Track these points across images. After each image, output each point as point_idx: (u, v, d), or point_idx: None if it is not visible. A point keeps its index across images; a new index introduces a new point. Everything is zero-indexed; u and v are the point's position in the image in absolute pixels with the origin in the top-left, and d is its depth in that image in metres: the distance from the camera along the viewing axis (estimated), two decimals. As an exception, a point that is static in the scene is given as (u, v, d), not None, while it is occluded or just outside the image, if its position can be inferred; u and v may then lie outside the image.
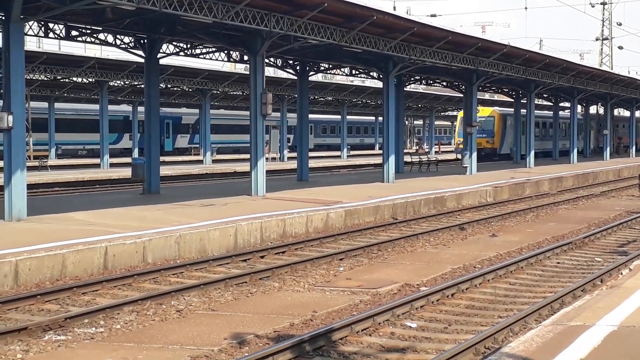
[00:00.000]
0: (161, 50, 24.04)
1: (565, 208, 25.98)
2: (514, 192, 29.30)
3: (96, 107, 55.80)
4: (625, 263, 14.21)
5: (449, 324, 10.44)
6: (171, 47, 24.99)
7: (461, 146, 47.48)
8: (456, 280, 12.65)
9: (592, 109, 65.55)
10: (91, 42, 23.36)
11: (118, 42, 23.32)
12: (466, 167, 34.94)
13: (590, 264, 15.19)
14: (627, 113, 68.29)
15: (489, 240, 18.29)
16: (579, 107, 56.25)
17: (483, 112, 50.69)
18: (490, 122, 51.10)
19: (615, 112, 68.73)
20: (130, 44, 23.68)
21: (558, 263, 15.27)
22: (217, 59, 27.72)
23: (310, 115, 38.74)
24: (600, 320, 8.69)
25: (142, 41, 23.47)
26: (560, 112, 55.88)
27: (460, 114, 51.10)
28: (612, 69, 64.67)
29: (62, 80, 42.11)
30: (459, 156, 42.77)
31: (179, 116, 61.93)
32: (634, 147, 60.00)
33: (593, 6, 69.56)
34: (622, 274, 12.74)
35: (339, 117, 72.00)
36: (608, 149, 54.04)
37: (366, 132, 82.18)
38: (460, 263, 14.93)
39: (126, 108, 58.66)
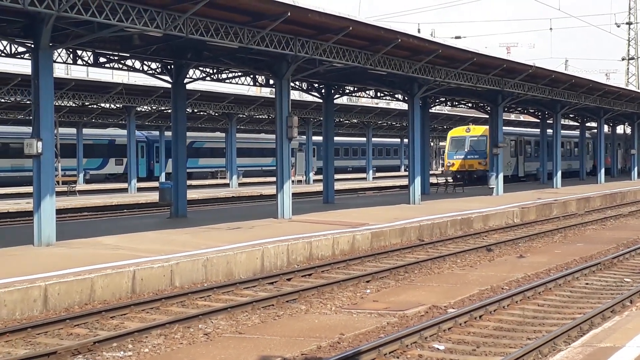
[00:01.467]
0: (188, 76, 24.22)
1: (593, 228, 25.75)
2: (541, 212, 29.10)
3: (97, 131, 55.93)
4: (655, 283, 14.05)
5: (477, 346, 10.35)
6: (197, 72, 25.19)
7: (452, 168, 46.58)
8: (484, 302, 12.55)
9: (619, 129, 65.07)
10: (119, 69, 23.63)
11: (145, 68, 23.55)
12: (492, 187, 34.77)
13: (620, 284, 15.02)
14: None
15: (516, 262, 18.16)
16: (606, 126, 55.83)
17: (474, 130, 48.34)
18: (483, 141, 46.91)
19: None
20: (157, 70, 23.90)
21: (587, 284, 15.11)
22: (242, 83, 27.89)
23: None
24: (630, 341, 8.59)
25: (169, 67, 23.68)
26: (567, 131, 56.00)
27: (451, 133, 49.33)
28: (638, 88, 64.24)
29: (90, 106, 42.52)
30: (449, 179, 41.76)
31: (170, 140, 57.97)
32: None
33: (618, 26, 69.35)
34: (652, 294, 12.61)
35: (360, 139, 72.17)
36: (636, 168, 53.57)
37: (388, 153, 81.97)
38: (488, 284, 14.82)
39: (111, 132, 57.43)
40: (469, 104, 41.46)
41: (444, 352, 10.12)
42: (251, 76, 26.79)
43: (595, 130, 55.52)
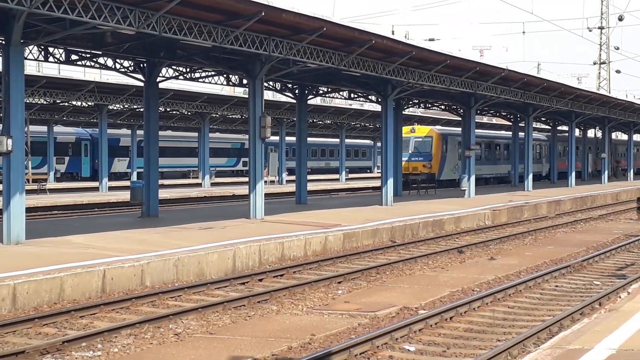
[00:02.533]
0: (160, 74, 24.13)
1: (563, 231, 25.97)
2: (512, 215, 29.30)
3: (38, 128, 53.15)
4: (623, 286, 14.19)
5: (448, 347, 10.40)
6: (170, 71, 25.09)
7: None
8: (455, 304, 12.61)
9: (590, 133, 65.66)
10: (91, 66, 23.45)
11: (118, 66, 23.42)
12: (464, 190, 34.95)
13: (589, 287, 15.16)
14: (625, 136, 68.45)
15: (487, 264, 18.27)
16: (577, 130, 56.27)
17: (419, 131, 45.32)
18: (428, 143, 44.00)
19: (613, 135, 68.78)
20: (129, 68, 23.78)
21: (557, 286, 15.24)
22: (216, 83, 27.84)
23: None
24: (599, 343, 8.66)
25: (141, 65, 23.56)
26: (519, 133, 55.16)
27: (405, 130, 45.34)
28: (609, 92, 64.82)
29: (61, 104, 42.19)
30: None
31: (116, 138, 54.69)
32: (632, 171, 59.97)
33: (590, 30, 69.86)
34: (620, 297, 12.74)
35: (334, 140, 72.06)
36: (606, 172, 54.07)
37: (362, 155, 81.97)
38: (459, 286, 14.90)
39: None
40: (442, 106, 41.63)
41: (414, 353, 10.15)
42: (225, 75, 26.73)
43: (551, 133, 55.66)
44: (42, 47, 21.11)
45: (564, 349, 8.50)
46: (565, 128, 55.18)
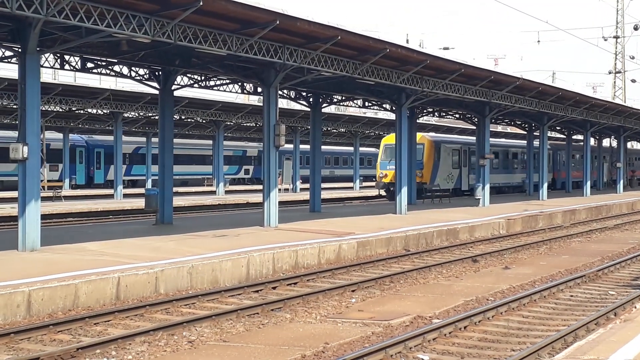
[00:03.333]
0: (175, 82, 24.21)
1: (578, 241, 25.85)
2: (527, 224, 29.19)
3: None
4: (639, 296, 14.10)
5: (462, 357, 10.36)
6: (185, 79, 25.17)
7: (384, 180, 40.86)
8: (469, 313, 12.56)
9: (605, 142, 65.38)
10: (106, 74, 23.58)
11: (133, 74, 23.52)
12: (479, 198, 34.85)
13: (604, 297, 15.07)
14: (640, 146, 68.11)
15: (501, 273, 18.20)
16: (592, 139, 56.00)
17: None
18: (419, 150, 39.88)
19: (629, 145, 68.45)
20: (145, 76, 23.87)
21: (571, 296, 15.16)
22: (230, 91, 27.94)
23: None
24: (614, 354, 8.61)
25: (156, 73, 23.65)
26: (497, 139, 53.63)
27: (384, 140, 43.45)
28: (625, 101, 64.61)
29: (77, 112, 42.40)
30: (382, 192, 38.54)
31: (112, 144, 49.66)
32: (647, 180, 59.72)
33: (606, 40, 69.77)
34: (635, 307, 12.64)
35: (348, 148, 71.93)
36: (621, 181, 53.82)
37: (369, 163, 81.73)
38: (473, 295, 14.84)
39: (46, 135, 52.55)
40: (457, 115, 41.58)
41: (428, 363, 10.12)
42: (239, 84, 26.79)
43: (560, 142, 55.02)
44: (58, 55, 21.22)
45: (578, 359, 8.45)
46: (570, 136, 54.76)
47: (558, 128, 52.29)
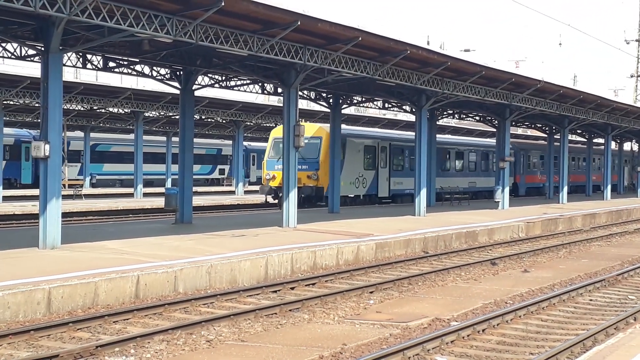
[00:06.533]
0: (196, 82, 24.28)
1: (598, 245, 25.70)
2: (546, 227, 29.05)
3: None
4: (659, 301, 14.01)
5: (480, 360, 10.33)
6: (206, 79, 25.24)
7: (272, 183, 33.56)
8: (487, 316, 12.52)
9: (626, 146, 65.00)
10: (128, 74, 23.67)
11: (154, 73, 23.61)
12: (498, 201, 34.74)
13: (624, 301, 14.97)
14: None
15: (520, 276, 18.11)
16: (613, 143, 55.59)
17: (306, 130, 28.09)
18: (315, 146, 33.22)
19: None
20: (166, 76, 23.96)
21: (591, 300, 15.07)
22: (251, 91, 27.95)
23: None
24: (633, 358, 8.55)
25: (177, 73, 23.74)
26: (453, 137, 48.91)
27: (274, 132, 35.32)
28: (646, 105, 64.12)
29: (98, 111, 42.64)
30: (270, 199, 33.59)
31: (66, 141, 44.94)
32: (668, 184, 59.18)
33: (628, 43, 69.34)
34: (656, 312, 12.56)
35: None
36: (642, 185, 53.47)
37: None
38: (492, 298, 14.78)
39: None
40: (477, 117, 41.45)
41: (446, 365, 10.10)
42: (260, 84, 26.83)
43: (523, 140, 52.64)
44: (81, 54, 21.34)
45: (598, 363, 8.40)
46: (574, 137, 53.98)
47: (579, 131, 51.99)
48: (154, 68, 23.50)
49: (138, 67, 23.24)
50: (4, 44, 19.51)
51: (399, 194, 37.74)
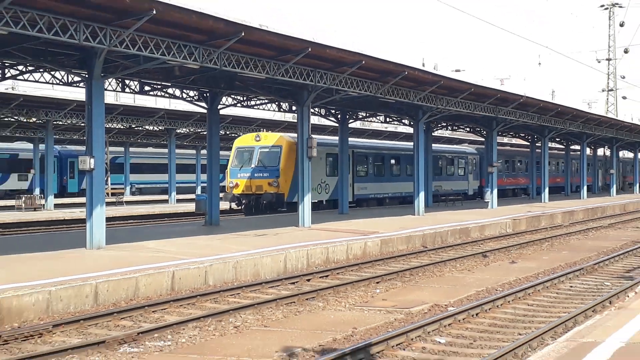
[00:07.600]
0: (221, 102, 24.35)
1: (577, 238, 25.56)
2: (530, 224, 28.92)
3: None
4: (631, 287, 13.94)
5: (474, 340, 10.29)
6: (230, 99, 25.35)
7: (235, 190, 30.94)
8: (480, 301, 12.48)
9: (600, 151, 64.80)
10: (161, 96, 23.74)
11: (184, 95, 23.68)
12: (488, 202, 34.75)
13: (600, 287, 14.89)
14: (631, 154, 67.44)
15: (508, 267, 18.05)
16: (588, 149, 55.39)
17: (266, 139, 30.97)
18: (275, 154, 30.80)
19: (620, 154, 67.69)
20: (194, 97, 24.02)
21: (571, 287, 15.00)
22: (269, 109, 28.02)
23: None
24: (609, 337, 8.51)
25: (204, 94, 23.79)
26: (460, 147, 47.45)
27: (237, 142, 32.51)
28: (617, 116, 63.96)
29: (136, 128, 42.81)
30: (234, 206, 30.90)
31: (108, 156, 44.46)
32: (637, 185, 58.98)
33: (599, 62, 69.26)
34: (628, 296, 12.51)
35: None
36: (614, 186, 53.21)
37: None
38: (484, 286, 14.73)
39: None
40: (467, 129, 41.38)
41: (444, 345, 10.06)
42: (276, 103, 26.89)
43: (478, 146, 49.86)
44: (120, 79, 21.44)
45: (578, 342, 8.36)
46: (554, 144, 54.20)
47: (557, 139, 51.84)
48: (184, 91, 23.57)
49: (170, 90, 23.31)
50: (53, 72, 19.60)
51: (364, 198, 35.03)
